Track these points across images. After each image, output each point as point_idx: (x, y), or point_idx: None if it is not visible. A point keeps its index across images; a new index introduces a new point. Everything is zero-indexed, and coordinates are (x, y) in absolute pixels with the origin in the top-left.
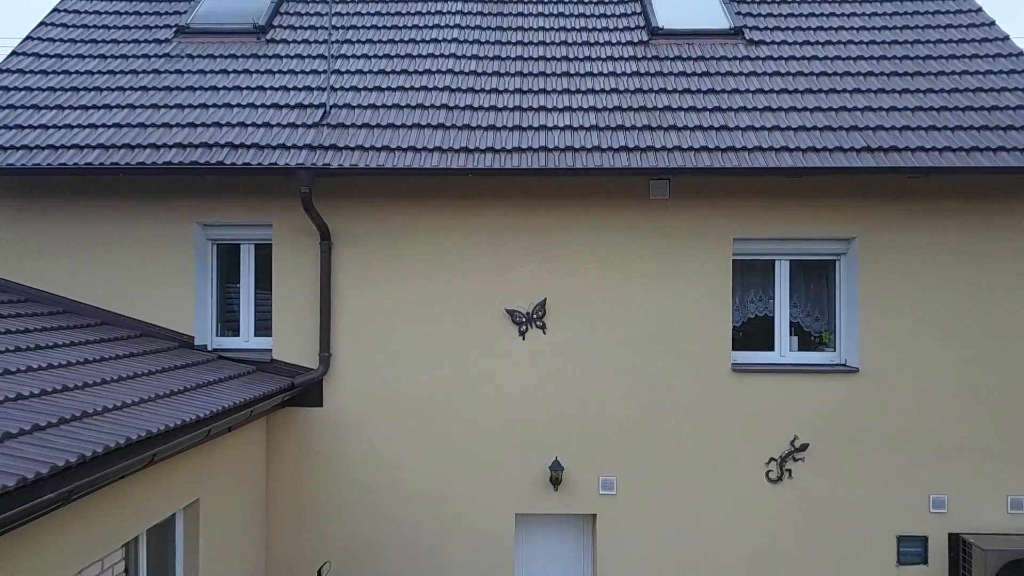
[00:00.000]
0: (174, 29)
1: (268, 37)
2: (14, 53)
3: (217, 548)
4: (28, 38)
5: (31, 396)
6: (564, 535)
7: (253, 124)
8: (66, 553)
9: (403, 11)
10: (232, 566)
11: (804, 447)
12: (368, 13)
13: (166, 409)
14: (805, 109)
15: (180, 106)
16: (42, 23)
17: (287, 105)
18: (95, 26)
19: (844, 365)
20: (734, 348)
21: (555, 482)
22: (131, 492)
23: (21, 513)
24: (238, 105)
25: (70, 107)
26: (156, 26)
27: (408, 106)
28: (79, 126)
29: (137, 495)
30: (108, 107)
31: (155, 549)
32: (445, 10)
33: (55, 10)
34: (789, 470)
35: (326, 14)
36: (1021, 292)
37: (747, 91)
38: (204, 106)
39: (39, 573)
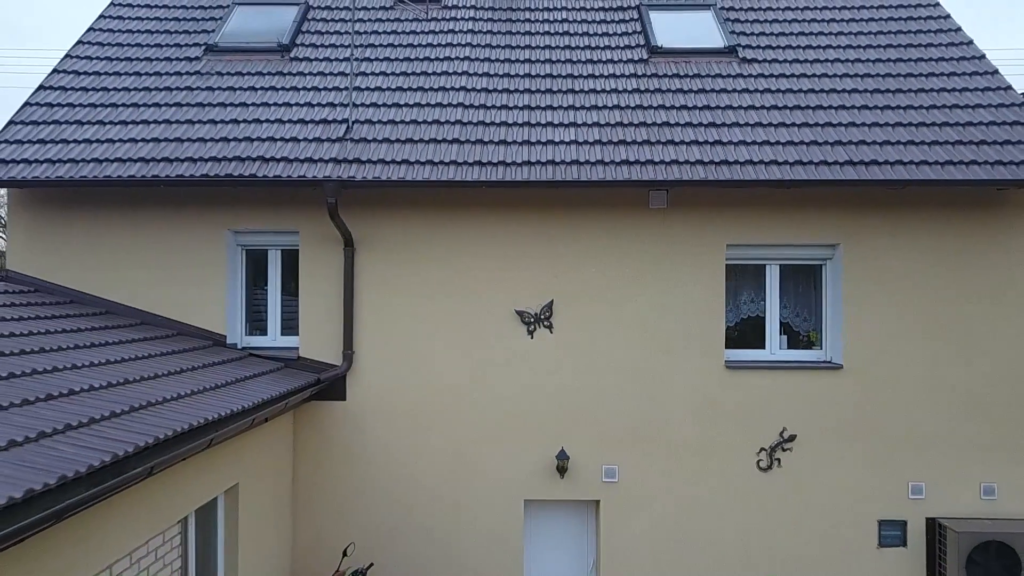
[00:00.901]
0: (203, 47)
1: (292, 55)
2: (55, 71)
3: (252, 528)
4: (67, 56)
5: (100, 388)
6: (570, 520)
7: (282, 139)
8: (139, 525)
9: (417, 30)
10: (264, 544)
11: (792, 438)
12: (384, 32)
13: (214, 400)
14: (793, 124)
15: (213, 121)
16: (79, 42)
17: (312, 120)
18: (129, 44)
19: (829, 362)
20: (728, 346)
21: (561, 470)
22: (185, 476)
23: (114, 485)
24: (267, 120)
25: (110, 122)
26: (186, 44)
27: (425, 122)
28: (120, 140)
29: (189, 478)
30: (146, 122)
31: (200, 528)
32: (457, 29)
33: (91, 29)
34: (778, 459)
35: (345, 33)
36: (992, 294)
37: (740, 107)
38: (235, 121)
39: (121, 539)
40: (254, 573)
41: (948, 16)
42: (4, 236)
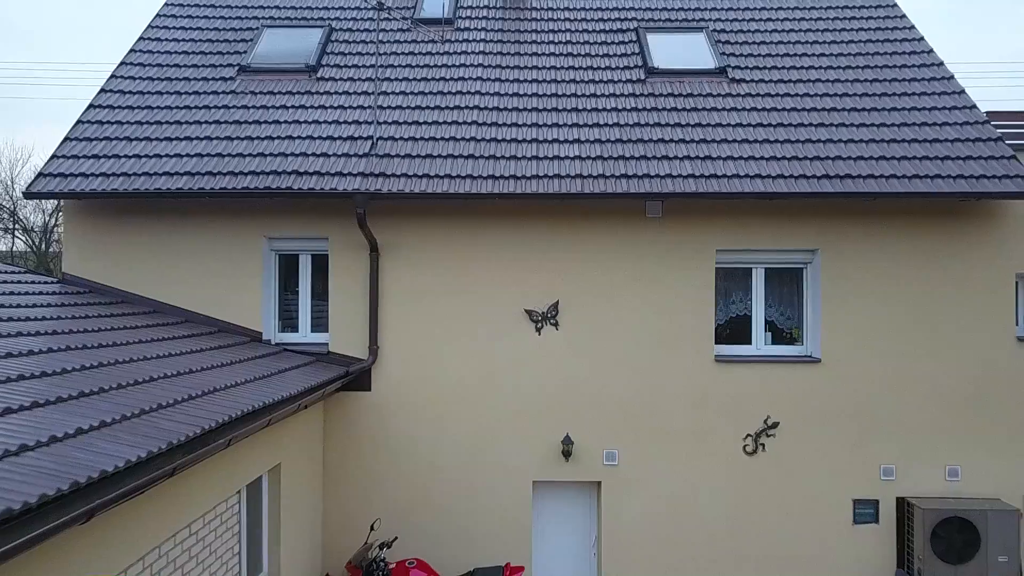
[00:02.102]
0: (236, 68)
1: (318, 75)
2: (102, 91)
3: (291, 503)
4: (112, 76)
5: (172, 376)
6: (574, 499)
7: (313, 154)
8: (210, 492)
9: (433, 51)
10: (300, 519)
11: (775, 425)
12: (403, 53)
13: (265, 388)
14: (777, 141)
15: (250, 138)
16: (122, 63)
17: (340, 137)
18: (167, 65)
19: (809, 356)
20: (717, 342)
21: (566, 454)
22: (241, 455)
23: (201, 454)
24: (298, 137)
25: (156, 139)
26: (220, 65)
27: (442, 138)
28: (167, 156)
29: (244, 457)
30: (189, 139)
31: (249, 501)
32: (470, 50)
33: (132, 51)
34: (763, 444)
35: (366, 54)
36: (956, 295)
37: (728, 125)
38: (270, 138)
39: (198, 502)
40: (293, 543)
41: (922, 39)
42: (57, 240)
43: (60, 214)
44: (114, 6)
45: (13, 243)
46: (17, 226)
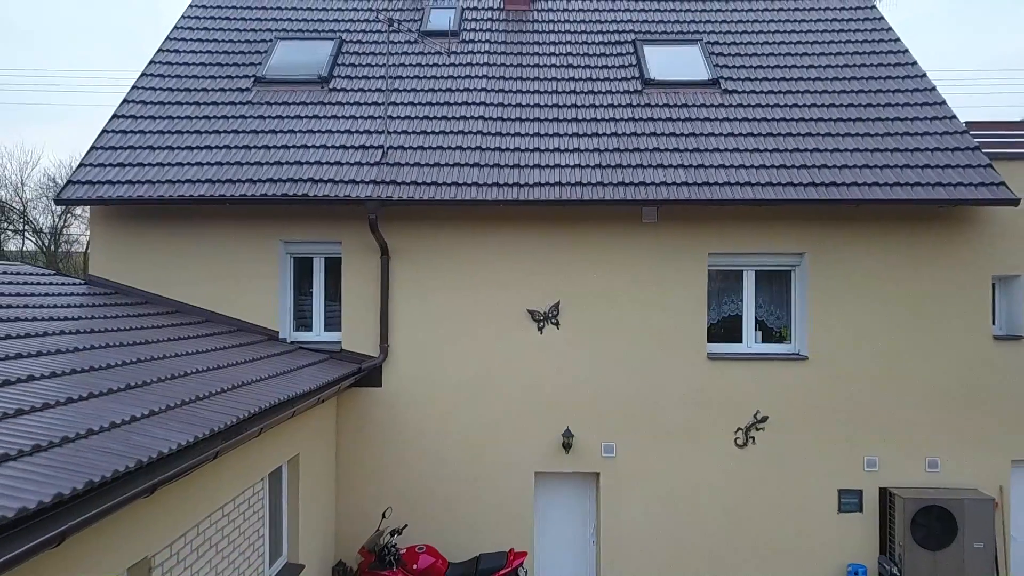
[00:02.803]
0: (252, 79)
1: (330, 86)
2: (125, 101)
3: (308, 491)
4: (134, 87)
5: (204, 371)
6: (574, 490)
7: (327, 162)
8: (240, 478)
9: (439, 62)
10: (316, 507)
11: (765, 419)
12: (411, 65)
13: (286, 382)
14: (766, 150)
15: (267, 147)
16: (143, 74)
17: (352, 146)
18: (186, 76)
19: (797, 354)
20: (710, 340)
21: (566, 447)
22: (265, 445)
23: (236, 442)
24: (313, 146)
25: (178, 147)
26: (236, 76)
27: (449, 147)
28: (188, 164)
29: (268, 447)
30: (209, 147)
31: (270, 489)
32: (475, 62)
33: (152, 62)
34: (753, 437)
35: (376, 65)
36: (936, 296)
37: (720, 134)
38: (286, 147)
39: (231, 485)
40: (311, 529)
41: (907, 51)
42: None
43: (69, 216)
44: (114, 6)
45: (23, 244)
46: (27, 227)
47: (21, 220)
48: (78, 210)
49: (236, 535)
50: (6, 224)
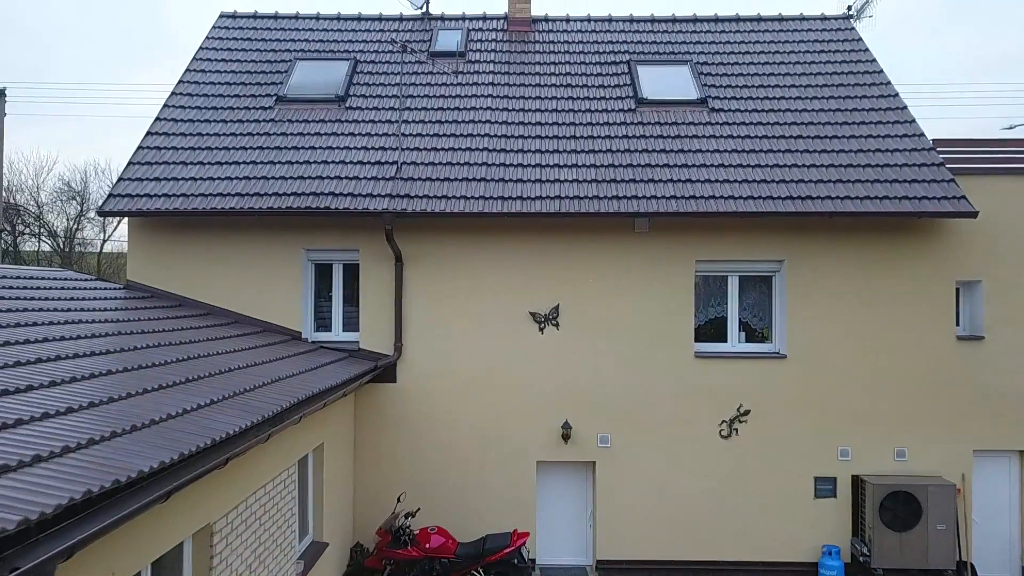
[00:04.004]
0: (274, 98)
1: (347, 105)
2: (158, 119)
3: (331, 477)
4: (166, 106)
5: (244, 367)
6: (572, 477)
7: (347, 177)
8: (276, 461)
9: (447, 82)
10: (337, 492)
11: (747, 412)
12: (421, 84)
13: (314, 377)
14: (749, 165)
15: (289, 162)
16: (173, 93)
17: (368, 162)
18: (213, 95)
19: (777, 353)
20: (697, 340)
21: (565, 438)
22: (297, 433)
23: (284, 425)
24: (332, 162)
25: (208, 163)
26: (259, 95)
27: (458, 163)
28: (219, 178)
29: (299, 436)
30: (236, 163)
31: (298, 474)
32: (480, 81)
33: (181, 81)
34: (736, 429)
35: (388, 84)
36: (904, 299)
37: (707, 151)
38: (307, 162)
39: (271, 467)
40: (333, 511)
41: (881, 71)
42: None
43: (82, 219)
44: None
45: (39, 245)
46: (43, 230)
47: (37, 223)
48: (91, 214)
49: (275, 511)
50: (23, 227)
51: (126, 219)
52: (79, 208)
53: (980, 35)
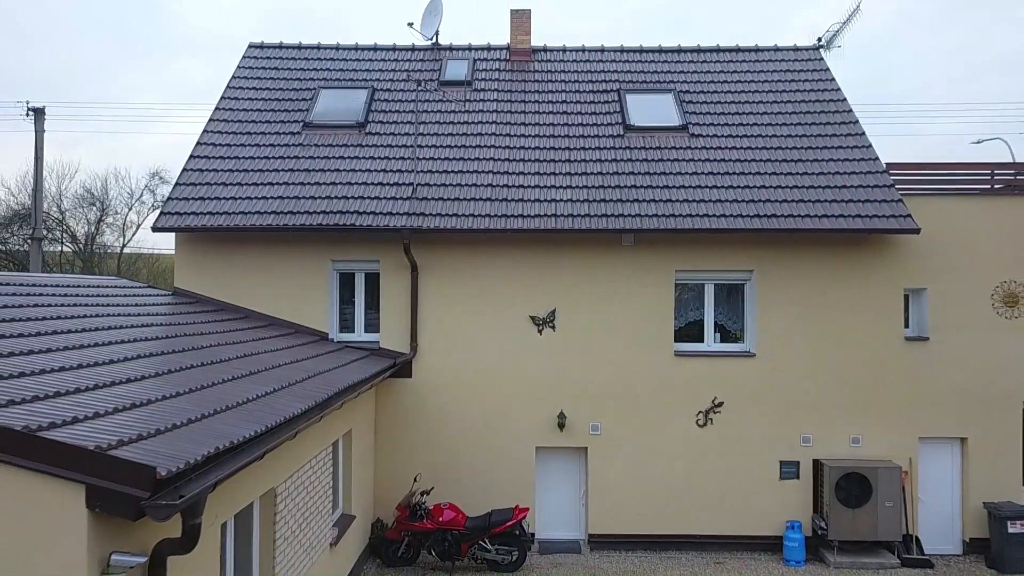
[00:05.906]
0: (301, 124)
1: (366, 131)
2: (199, 143)
3: (358, 459)
4: (205, 131)
5: (288, 364)
6: (567, 460)
7: (368, 197)
8: (316, 443)
9: (456, 109)
10: (363, 472)
11: (720, 404)
12: (432, 111)
13: (345, 372)
14: (723, 187)
15: (317, 183)
16: (211, 119)
17: (387, 183)
18: (245, 121)
19: (747, 351)
20: (676, 340)
21: (561, 426)
22: (334, 418)
23: (330, 411)
24: (355, 183)
25: (245, 184)
26: (287, 121)
27: (467, 184)
28: (256, 198)
29: (335, 420)
30: (270, 184)
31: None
32: (485, 109)
33: (217, 108)
34: (711, 419)
35: (404, 111)
36: (858, 305)
37: (687, 173)
38: (333, 184)
39: (313, 446)
40: (359, 488)
41: (844, 100)
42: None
43: (102, 224)
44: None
45: (62, 249)
46: (65, 235)
47: (59, 228)
48: (109, 219)
49: (316, 483)
50: (46, 232)
51: (148, 229)
52: (99, 216)
53: (976, 36)
